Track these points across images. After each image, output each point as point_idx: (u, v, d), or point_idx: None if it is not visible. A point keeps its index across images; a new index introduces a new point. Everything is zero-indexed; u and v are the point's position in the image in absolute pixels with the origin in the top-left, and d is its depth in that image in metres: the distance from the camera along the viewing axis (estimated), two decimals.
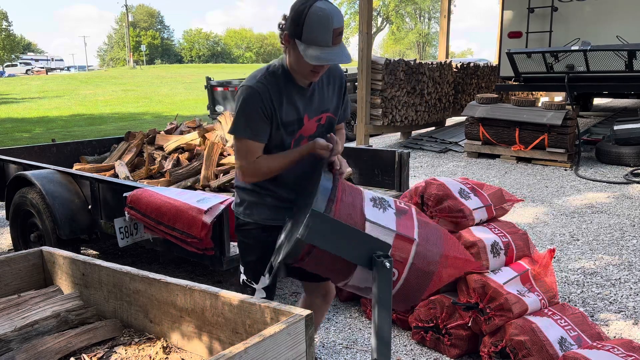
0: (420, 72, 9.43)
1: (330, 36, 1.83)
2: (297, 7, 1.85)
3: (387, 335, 1.84)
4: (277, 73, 1.98)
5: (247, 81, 1.99)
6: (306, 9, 1.81)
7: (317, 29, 1.81)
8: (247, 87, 1.95)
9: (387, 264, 1.77)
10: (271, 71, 1.99)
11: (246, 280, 2.20)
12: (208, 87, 11.27)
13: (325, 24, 1.81)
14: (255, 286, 2.18)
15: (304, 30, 1.81)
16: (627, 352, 2.27)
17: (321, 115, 2.08)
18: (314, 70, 1.93)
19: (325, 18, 1.81)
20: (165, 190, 3.32)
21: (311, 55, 1.83)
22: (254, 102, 1.93)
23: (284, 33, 1.90)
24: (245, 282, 2.21)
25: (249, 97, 1.94)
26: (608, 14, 8.27)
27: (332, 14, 1.82)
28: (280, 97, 1.97)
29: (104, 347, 1.87)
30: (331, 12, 1.82)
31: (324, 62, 1.84)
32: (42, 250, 2.27)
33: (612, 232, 4.75)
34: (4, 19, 61.50)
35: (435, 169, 7.54)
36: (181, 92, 26.45)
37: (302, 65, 1.90)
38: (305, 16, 1.81)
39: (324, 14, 1.81)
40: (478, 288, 2.71)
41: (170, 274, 3.04)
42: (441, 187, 2.93)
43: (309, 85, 2.03)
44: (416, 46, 71.33)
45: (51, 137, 7.94)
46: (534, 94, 12.63)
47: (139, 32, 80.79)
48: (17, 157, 4.60)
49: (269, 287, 2.20)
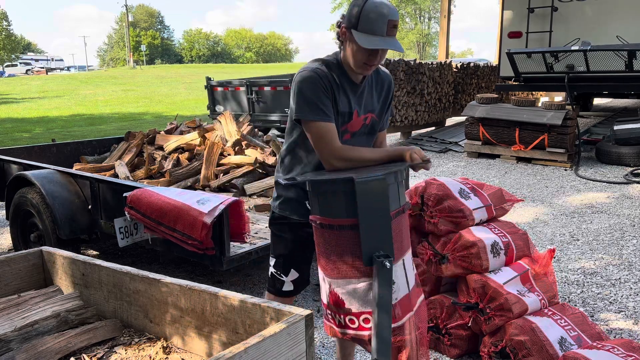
0: (420, 72, 9.43)
1: (385, 26, 1.91)
2: (355, 2, 1.94)
3: (387, 335, 1.84)
4: (331, 65, 2.02)
5: (304, 70, 2.01)
6: (364, 2, 1.91)
7: (374, 19, 1.89)
8: (307, 72, 1.98)
9: (387, 264, 1.77)
10: (327, 62, 2.03)
11: (275, 273, 2.22)
12: (208, 87, 11.26)
13: (381, 15, 1.90)
14: (285, 279, 2.21)
15: (360, 19, 1.90)
16: (627, 352, 2.27)
17: (367, 114, 2.12)
18: (368, 63, 1.97)
19: (382, 9, 1.90)
20: (165, 190, 3.32)
21: (367, 41, 1.89)
22: (316, 85, 1.96)
23: (342, 27, 1.97)
24: (274, 274, 2.23)
25: (312, 81, 1.96)
26: (608, 14, 8.27)
27: (388, 6, 1.93)
28: (338, 86, 2.01)
29: (104, 347, 1.87)
30: (387, 5, 1.93)
31: (379, 46, 1.90)
32: (42, 250, 2.27)
33: (612, 232, 4.75)
34: (4, 19, 61.50)
35: (435, 169, 7.55)
36: (181, 92, 26.45)
37: (357, 56, 1.95)
38: (362, 8, 1.90)
39: (381, 5, 1.91)
40: (478, 288, 2.71)
41: (170, 274, 3.04)
42: (441, 187, 2.93)
43: (361, 81, 2.07)
44: (416, 46, 71.35)
45: (51, 137, 7.94)
46: (534, 94, 12.63)
47: (139, 32, 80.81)
48: (17, 157, 4.60)
49: (297, 281, 2.22)
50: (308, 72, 1.98)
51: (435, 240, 2.91)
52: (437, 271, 2.88)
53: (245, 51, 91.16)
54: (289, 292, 2.22)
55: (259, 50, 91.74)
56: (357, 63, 1.97)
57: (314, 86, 1.95)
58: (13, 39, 64.15)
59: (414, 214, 3.00)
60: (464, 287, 2.79)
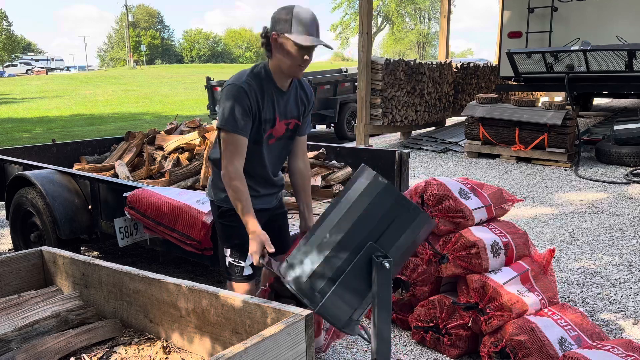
0: (420, 72, 9.43)
1: (315, 28, 2.13)
2: (280, 10, 2.14)
3: (387, 335, 1.84)
4: (260, 75, 2.21)
5: (233, 80, 2.19)
6: (291, 8, 2.11)
7: (305, 21, 2.10)
8: (233, 86, 2.15)
9: (387, 264, 1.77)
10: (255, 72, 2.21)
11: (233, 261, 2.37)
12: (208, 87, 11.28)
13: (310, 18, 2.12)
14: (244, 264, 2.36)
15: (292, 23, 2.09)
16: (627, 352, 2.27)
17: (291, 120, 2.34)
18: (302, 64, 2.16)
19: (309, 13, 2.13)
20: (165, 190, 3.32)
21: (305, 40, 2.08)
22: (241, 99, 2.14)
23: (270, 34, 2.15)
24: (232, 263, 2.38)
25: (237, 94, 2.14)
26: (608, 14, 8.27)
27: (312, 12, 2.15)
28: (263, 96, 2.20)
29: (104, 347, 1.87)
30: (311, 11, 2.15)
31: (317, 43, 2.11)
32: (42, 250, 2.27)
33: (612, 232, 4.75)
34: (4, 19, 61.46)
35: (435, 169, 7.55)
36: (181, 92, 26.44)
37: (291, 58, 2.13)
38: (292, 13, 2.10)
39: (307, 10, 2.14)
40: (478, 288, 2.71)
41: (170, 274, 3.04)
42: (441, 187, 2.93)
43: (287, 88, 2.29)
44: (416, 46, 71.33)
45: (51, 137, 7.94)
46: (534, 94, 12.63)
47: (139, 32, 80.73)
48: (17, 157, 4.60)
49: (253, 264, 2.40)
50: (235, 86, 2.15)
51: (435, 240, 2.91)
52: (437, 271, 2.89)
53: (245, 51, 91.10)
54: (249, 275, 2.39)
55: (259, 50, 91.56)
56: (293, 65, 2.15)
57: (239, 100, 2.14)
58: (13, 39, 64.10)
59: None
60: (464, 287, 2.79)
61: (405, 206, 1.89)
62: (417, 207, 1.91)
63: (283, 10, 2.13)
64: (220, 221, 2.40)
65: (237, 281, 2.39)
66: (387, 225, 1.85)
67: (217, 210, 2.41)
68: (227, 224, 2.38)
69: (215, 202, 2.41)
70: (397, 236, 1.86)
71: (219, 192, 2.37)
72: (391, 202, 1.88)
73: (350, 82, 11.47)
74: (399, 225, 1.87)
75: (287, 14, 2.10)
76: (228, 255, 2.39)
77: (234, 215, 2.30)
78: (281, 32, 2.11)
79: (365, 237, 1.84)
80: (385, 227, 1.85)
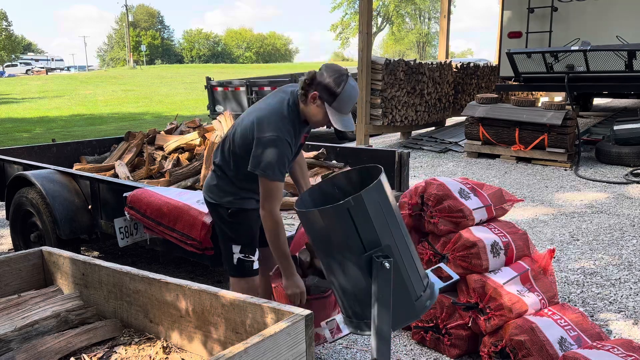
0: (420, 72, 9.43)
1: (351, 108, 2.32)
2: (334, 78, 2.25)
3: (387, 335, 1.84)
4: (291, 115, 2.37)
5: (274, 130, 2.30)
6: (343, 83, 2.25)
7: (347, 102, 2.27)
8: (278, 138, 2.29)
9: (387, 264, 1.77)
10: (290, 118, 2.36)
11: (243, 257, 2.54)
12: (208, 87, 11.27)
13: (352, 99, 2.29)
14: (253, 258, 2.56)
15: (337, 100, 2.25)
16: (627, 352, 2.27)
17: (301, 141, 2.55)
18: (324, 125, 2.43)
19: (354, 95, 2.29)
20: (165, 190, 3.32)
21: (336, 121, 2.29)
22: (284, 150, 2.31)
23: (313, 92, 2.28)
24: (242, 259, 2.54)
25: (282, 147, 2.30)
26: (608, 14, 8.27)
27: (357, 90, 2.32)
28: (296, 133, 2.39)
29: (104, 347, 1.87)
30: (356, 89, 2.32)
31: (345, 129, 2.33)
32: (42, 250, 2.27)
33: (612, 232, 4.75)
34: (4, 19, 61.43)
35: (435, 169, 7.55)
36: (181, 92, 26.44)
37: (320, 119, 2.34)
38: (342, 90, 2.24)
39: (355, 92, 2.29)
40: (478, 288, 2.71)
41: (170, 274, 3.04)
42: (441, 187, 2.93)
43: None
44: (416, 46, 71.33)
45: (51, 137, 7.94)
46: (534, 94, 12.63)
47: (139, 32, 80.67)
48: (17, 157, 4.60)
49: (260, 258, 2.61)
50: (281, 139, 2.29)
51: (435, 240, 2.91)
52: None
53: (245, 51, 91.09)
54: (257, 270, 2.59)
55: (259, 50, 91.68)
56: (318, 123, 2.38)
57: (284, 152, 2.30)
58: (14, 39, 64.08)
59: (414, 214, 3.00)
60: (463, 287, 2.79)
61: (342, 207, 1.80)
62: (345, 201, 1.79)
63: (337, 78, 2.24)
64: (231, 221, 2.53)
65: (244, 276, 2.56)
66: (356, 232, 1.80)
67: (225, 212, 2.52)
68: (237, 222, 2.52)
69: (222, 204, 2.52)
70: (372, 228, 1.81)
71: (226, 195, 2.51)
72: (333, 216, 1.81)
73: None
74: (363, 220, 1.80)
75: (338, 87, 2.23)
76: (237, 252, 2.54)
77: (243, 213, 2.51)
78: (323, 99, 2.27)
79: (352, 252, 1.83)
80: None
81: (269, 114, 2.35)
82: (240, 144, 2.41)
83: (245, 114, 2.49)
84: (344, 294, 1.90)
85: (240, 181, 2.49)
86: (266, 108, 2.39)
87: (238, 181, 2.49)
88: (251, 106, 2.61)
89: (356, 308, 1.88)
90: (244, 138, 2.39)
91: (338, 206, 1.75)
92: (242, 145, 2.40)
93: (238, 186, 2.50)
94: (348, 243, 1.79)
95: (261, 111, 2.38)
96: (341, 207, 1.74)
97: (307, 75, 2.32)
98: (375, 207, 1.79)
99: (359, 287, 1.83)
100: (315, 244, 1.92)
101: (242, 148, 2.41)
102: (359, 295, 1.85)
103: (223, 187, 2.52)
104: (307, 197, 2.03)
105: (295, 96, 2.38)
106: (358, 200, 1.75)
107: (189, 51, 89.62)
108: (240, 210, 2.52)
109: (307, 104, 2.33)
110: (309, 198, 2.02)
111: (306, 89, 2.31)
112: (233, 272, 2.59)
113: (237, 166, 2.47)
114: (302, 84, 2.32)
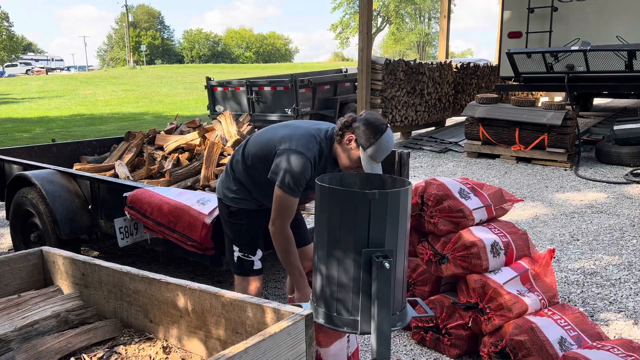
0: (420, 72, 9.43)
1: (383, 158, 2.32)
2: (375, 125, 2.28)
3: (387, 335, 1.84)
4: (324, 151, 2.40)
5: (302, 148, 2.33)
6: (382, 132, 2.27)
7: (382, 151, 2.29)
8: (303, 156, 2.32)
9: (387, 264, 1.77)
10: (322, 151, 2.39)
11: (243, 256, 2.58)
12: (208, 87, 11.27)
13: (387, 150, 2.30)
14: (253, 258, 2.58)
15: (373, 146, 2.27)
16: (627, 352, 2.27)
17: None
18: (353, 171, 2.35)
19: (390, 146, 2.31)
20: (165, 190, 3.32)
21: (367, 166, 2.28)
22: (305, 169, 2.32)
23: (350, 135, 2.30)
24: (242, 257, 2.58)
25: (304, 166, 2.32)
26: (608, 14, 8.27)
27: (393, 144, 2.35)
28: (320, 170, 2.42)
29: (104, 347, 1.87)
30: (393, 143, 2.34)
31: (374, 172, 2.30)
32: (42, 250, 2.27)
33: (612, 232, 4.75)
34: (5, 20, 61.42)
35: (435, 169, 7.55)
36: (181, 92, 26.43)
37: (351, 162, 2.34)
38: (380, 137, 2.26)
39: (391, 143, 2.31)
40: (478, 288, 2.71)
41: (170, 274, 3.04)
42: (441, 187, 2.93)
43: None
44: (416, 46, 71.32)
45: (51, 137, 7.94)
46: (534, 94, 12.63)
47: (139, 32, 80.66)
48: (17, 157, 4.60)
49: (261, 258, 2.63)
50: (306, 158, 2.32)
51: (435, 240, 2.91)
52: (437, 271, 2.88)
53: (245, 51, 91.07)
54: (258, 270, 2.60)
55: (259, 50, 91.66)
56: (348, 167, 2.37)
57: (304, 171, 2.31)
58: (14, 39, 64.07)
59: (414, 214, 3.00)
60: (463, 287, 2.79)
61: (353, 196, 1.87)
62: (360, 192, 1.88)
63: (376, 128, 2.26)
64: (230, 220, 2.58)
65: (246, 275, 2.59)
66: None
67: (226, 209, 2.59)
68: (236, 222, 2.57)
69: (224, 201, 2.59)
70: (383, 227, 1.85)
71: (229, 192, 2.57)
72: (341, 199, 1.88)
73: (350, 82, 11.45)
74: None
75: (375, 136, 2.25)
76: (237, 251, 2.59)
77: (243, 214, 2.56)
78: (359, 145, 2.28)
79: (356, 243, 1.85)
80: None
81: (305, 134, 2.39)
82: (259, 154, 2.46)
83: (280, 126, 2.53)
84: (328, 282, 1.94)
85: (247, 184, 2.54)
86: (303, 127, 2.45)
87: (245, 184, 2.54)
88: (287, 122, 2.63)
89: (338, 294, 1.92)
90: (264, 148, 2.43)
91: (364, 194, 1.83)
92: (259, 154, 2.46)
93: (245, 188, 2.55)
94: (356, 232, 1.84)
95: (298, 129, 2.43)
96: (365, 196, 1.82)
97: (347, 117, 2.35)
98: (394, 211, 1.85)
99: (347, 276, 1.88)
100: (322, 223, 1.95)
101: (257, 158, 2.46)
102: (341, 282, 1.90)
103: (228, 184, 2.59)
104: (327, 179, 2.08)
105: (332, 132, 2.42)
106: (383, 196, 1.83)
107: (189, 51, 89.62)
108: (241, 210, 2.56)
109: (341, 144, 2.36)
110: (329, 180, 2.07)
111: (344, 130, 2.34)
112: (235, 270, 2.64)
113: (247, 171, 2.53)
114: (341, 125, 2.35)
